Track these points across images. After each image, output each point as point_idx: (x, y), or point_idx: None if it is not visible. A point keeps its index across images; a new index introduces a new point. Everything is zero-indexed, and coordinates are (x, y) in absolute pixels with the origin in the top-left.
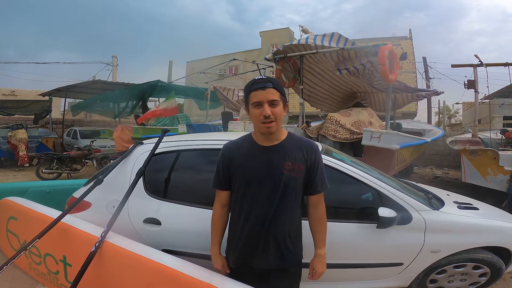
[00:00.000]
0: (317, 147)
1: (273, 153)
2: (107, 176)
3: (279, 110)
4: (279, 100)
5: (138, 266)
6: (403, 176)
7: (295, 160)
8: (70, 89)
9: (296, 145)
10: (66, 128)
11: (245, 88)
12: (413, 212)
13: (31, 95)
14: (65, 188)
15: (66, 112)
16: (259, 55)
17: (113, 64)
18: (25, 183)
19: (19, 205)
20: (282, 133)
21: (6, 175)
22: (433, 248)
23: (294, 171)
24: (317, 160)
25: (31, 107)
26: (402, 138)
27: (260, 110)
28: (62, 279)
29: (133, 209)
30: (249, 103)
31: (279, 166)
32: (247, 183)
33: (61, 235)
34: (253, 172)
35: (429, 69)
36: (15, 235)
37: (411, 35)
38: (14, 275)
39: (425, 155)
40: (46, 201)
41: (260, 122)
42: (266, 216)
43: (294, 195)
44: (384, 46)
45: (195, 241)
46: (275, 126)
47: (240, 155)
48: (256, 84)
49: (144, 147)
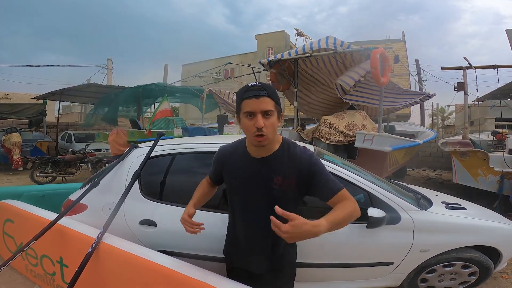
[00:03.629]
0: (311, 156)
1: (263, 166)
2: (103, 179)
3: (273, 122)
4: (273, 110)
5: (134, 266)
6: (396, 178)
7: (286, 173)
8: (65, 92)
9: (289, 156)
10: (61, 131)
11: (237, 95)
12: (402, 212)
13: (25, 98)
14: (60, 192)
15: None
16: (254, 58)
17: (108, 67)
18: (20, 187)
19: (16, 208)
20: (275, 143)
21: (0, 179)
22: (422, 248)
23: (284, 186)
24: (314, 169)
25: (25, 111)
26: (394, 140)
27: (252, 121)
28: (59, 280)
29: (129, 211)
30: (240, 111)
31: (268, 180)
32: (236, 192)
33: (58, 236)
34: (243, 183)
35: (422, 71)
36: (11, 237)
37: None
38: (11, 277)
39: (418, 157)
40: (41, 205)
41: (252, 135)
42: (256, 225)
43: (286, 206)
44: (375, 50)
45: (189, 242)
46: (268, 139)
47: (233, 162)
48: (250, 92)
49: (139, 150)
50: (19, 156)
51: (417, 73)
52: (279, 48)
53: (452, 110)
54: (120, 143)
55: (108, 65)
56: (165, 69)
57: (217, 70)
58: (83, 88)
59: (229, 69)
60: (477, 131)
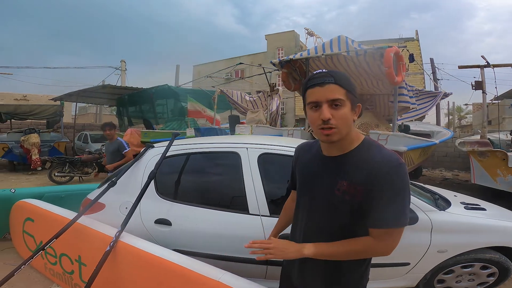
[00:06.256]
0: (399, 165)
1: (330, 167)
2: (120, 179)
3: (344, 113)
4: (344, 99)
5: (151, 265)
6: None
7: (354, 179)
8: (81, 93)
9: (366, 160)
10: (77, 132)
11: (302, 85)
12: (419, 212)
13: (42, 100)
14: (79, 193)
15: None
16: (265, 58)
17: (121, 69)
18: (40, 188)
19: (36, 207)
20: (354, 141)
21: (19, 178)
22: (440, 248)
23: (348, 194)
24: (391, 183)
25: (43, 112)
26: (409, 140)
27: (317, 113)
28: (77, 278)
29: (145, 210)
30: (305, 103)
31: (331, 184)
32: (300, 191)
33: (77, 235)
34: (306, 183)
35: (437, 70)
36: (31, 236)
37: (417, 36)
38: (29, 276)
39: (434, 157)
40: (61, 205)
41: (318, 128)
42: (312, 234)
43: (342, 218)
44: (389, 49)
45: (204, 241)
46: (338, 134)
47: (305, 160)
48: (313, 80)
49: (155, 150)
50: (37, 156)
51: (432, 71)
52: (289, 48)
53: (469, 110)
54: (134, 143)
55: (121, 67)
56: (176, 70)
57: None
58: (98, 89)
59: (239, 70)
60: (494, 131)
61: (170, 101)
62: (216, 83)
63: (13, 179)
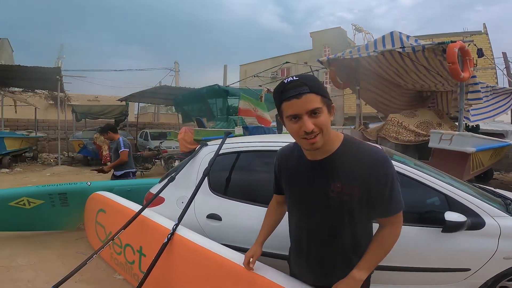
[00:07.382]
0: (384, 159)
1: (319, 170)
2: (178, 174)
3: (323, 119)
4: (321, 106)
5: (203, 258)
6: (479, 181)
7: (347, 179)
8: (141, 94)
9: (353, 158)
10: (139, 130)
11: (274, 96)
12: (486, 217)
13: (111, 100)
14: (142, 187)
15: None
16: (310, 56)
17: (175, 70)
18: (111, 181)
19: (108, 199)
20: (334, 141)
21: (92, 172)
22: (507, 255)
23: (344, 194)
24: (384, 177)
25: (112, 112)
26: (478, 140)
27: (298, 125)
28: (136, 269)
29: (198, 205)
30: (282, 114)
31: (325, 187)
32: (291, 198)
33: (140, 227)
34: (296, 189)
35: (510, 65)
36: (102, 226)
37: (486, 30)
38: (97, 264)
39: (508, 158)
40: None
41: (300, 138)
42: (308, 236)
43: (341, 219)
44: (452, 44)
45: (251, 237)
46: (322, 139)
47: (289, 166)
48: (288, 92)
49: (208, 148)
50: (107, 152)
51: (505, 66)
52: (336, 45)
53: None
54: (188, 141)
55: (175, 68)
56: (224, 70)
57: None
58: (157, 90)
59: (285, 68)
60: None
61: (219, 100)
62: (262, 82)
63: (88, 173)
